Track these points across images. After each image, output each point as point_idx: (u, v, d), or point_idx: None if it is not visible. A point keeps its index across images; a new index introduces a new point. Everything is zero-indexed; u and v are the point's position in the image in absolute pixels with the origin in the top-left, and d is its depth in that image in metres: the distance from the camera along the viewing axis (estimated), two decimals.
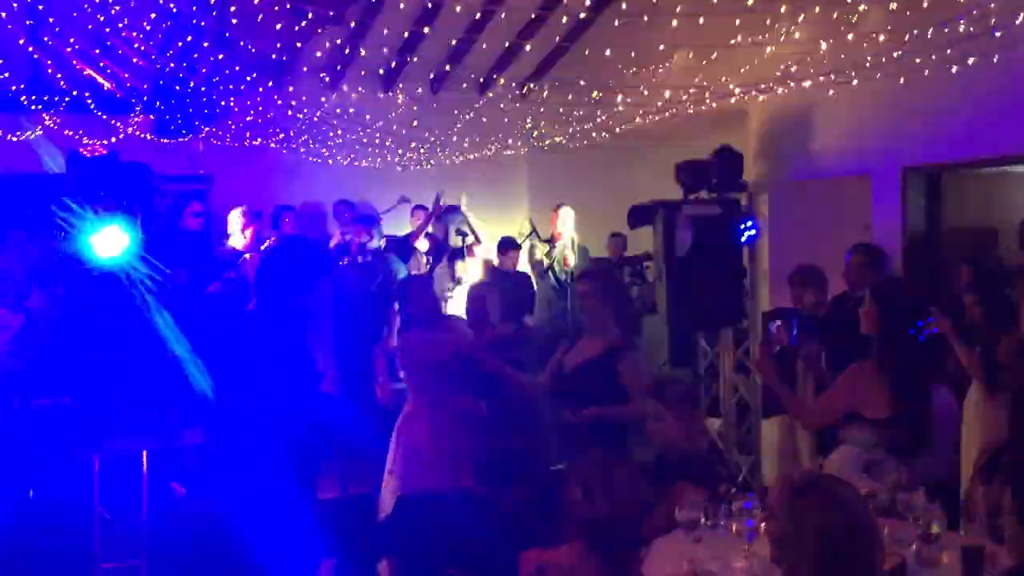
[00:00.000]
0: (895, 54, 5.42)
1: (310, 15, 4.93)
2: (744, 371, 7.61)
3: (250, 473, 4.52)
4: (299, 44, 5.71)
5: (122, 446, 5.11)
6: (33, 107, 6.83)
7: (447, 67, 7.89)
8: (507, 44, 7.49)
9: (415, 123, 8.04)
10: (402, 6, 6.58)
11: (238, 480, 4.48)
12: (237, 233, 7.41)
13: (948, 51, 5.30)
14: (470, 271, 8.96)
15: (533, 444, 3.65)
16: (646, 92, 6.72)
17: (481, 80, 8.36)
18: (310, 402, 5.12)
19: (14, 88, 6.48)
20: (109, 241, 6.42)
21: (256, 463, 4.49)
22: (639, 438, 4.45)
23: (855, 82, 5.63)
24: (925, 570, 3.33)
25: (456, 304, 8.42)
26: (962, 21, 5.13)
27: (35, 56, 6.01)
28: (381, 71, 8.05)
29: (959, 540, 3.56)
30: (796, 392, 5.15)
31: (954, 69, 5.54)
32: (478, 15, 7.03)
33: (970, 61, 5.34)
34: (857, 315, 4.61)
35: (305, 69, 7.13)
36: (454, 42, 7.31)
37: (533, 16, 7.13)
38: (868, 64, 5.58)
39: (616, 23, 6.46)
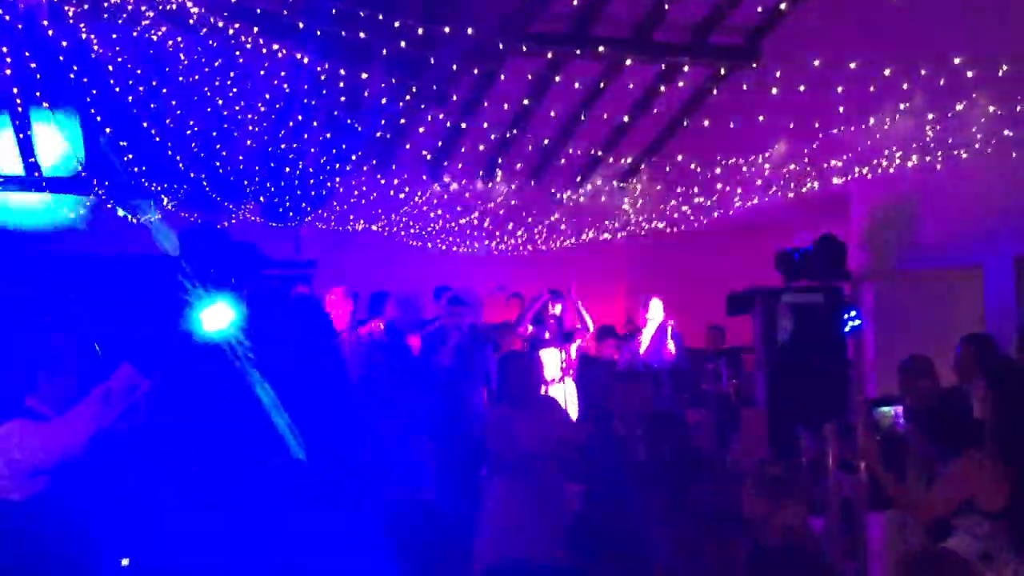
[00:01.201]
0: (1006, 132, 5.25)
1: (414, 89, 5.11)
2: (849, 467, 7.28)
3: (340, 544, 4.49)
4: (403, 120, 5.91)
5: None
6: (154, 187, 7.18)
7: (546, 144, 7.97)
8: (609, 127, 7.55)
9: (514, 203, 8.16)
10: (505, 81, 6.73)
11: (327, 548, 4.44)
12: (341, 313, 7.56)
13: None
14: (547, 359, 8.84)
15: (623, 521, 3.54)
16: (747, 170, 6.68)
17: (582, 165, 8.45)
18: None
19: (135, 170, 6.84)
20: (217, 316, 6.66)
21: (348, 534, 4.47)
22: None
23: (964, 155, 5.45)
24: None
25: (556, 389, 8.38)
26: None
27: (156, 138, 6.36)
28: (481, 146, 8.16)
29: None
30: (905, 484, 4.89)
31: None
32: (582, 93, 7.12)
33: None
34: (968, 406, 4.40)
35: (408, 147, 7.32)
36: (554, 114, 7.40)
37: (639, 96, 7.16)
38: (977, 144, 5.43)
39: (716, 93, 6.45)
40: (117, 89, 5.82)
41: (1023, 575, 3.64)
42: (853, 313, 6.84)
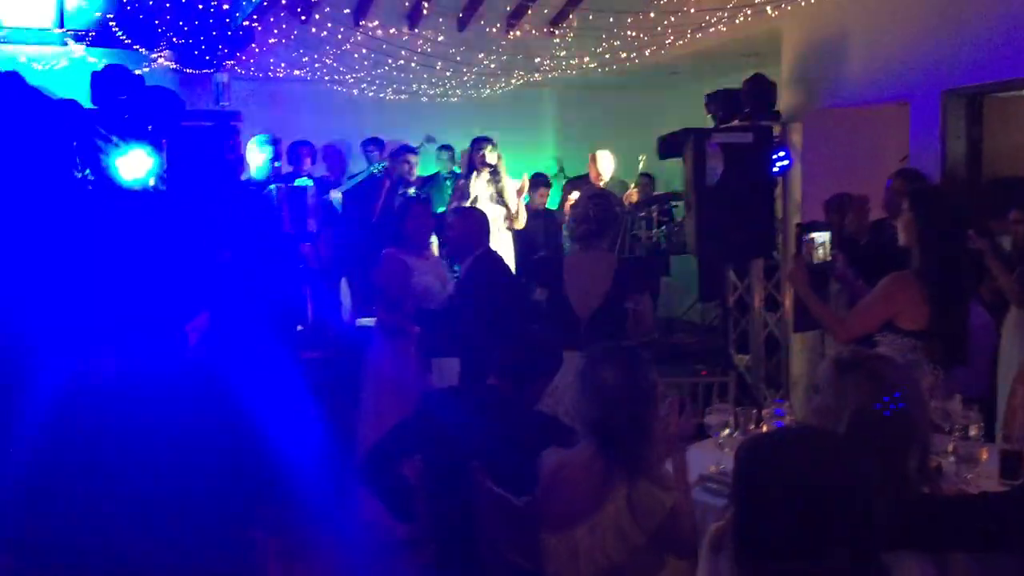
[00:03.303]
0: None
1: None
2: (773, 306, 7.49)
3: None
4: None
5: None
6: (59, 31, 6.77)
7: None
8: None
9: (441, 39, 7.89)
10: None
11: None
12: (265, 164, 7.32)
13: None
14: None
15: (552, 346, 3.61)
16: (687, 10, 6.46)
17: (508, 9, 8.19)
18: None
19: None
20: (134, 164, 6.45)
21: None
22: None
23: None
24: (963, 468, 3.25)
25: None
26: None
27: None
28: (407, 3, 7.89)
29: (997, 449, 3.48)
30: (830, 305, 5.02)
31: None
32: None
33: None
34: (894, 237, 4.49)
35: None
36: None
37: None
38: None
39: None
40: None
41: (939, 384, 3.81)
42: (782, 154, 6.86)
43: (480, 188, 8.38)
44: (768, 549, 1.83)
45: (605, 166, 8.88)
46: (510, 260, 8.24)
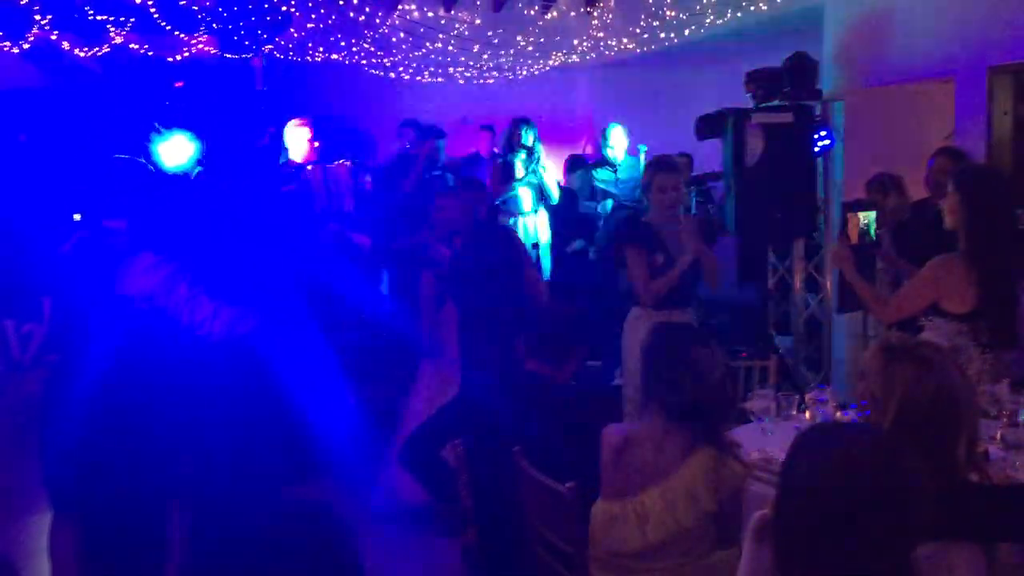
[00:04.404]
0: None
1: None
2: (814, 287, 7.41)
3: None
4: None
5: None
6: (99, 18, 6.84)
7: None
8: None
9: (478, 22, 7.88)
10: None
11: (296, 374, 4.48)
12: (303, 146, 7.37)
13: None
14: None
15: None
16: None
17: None
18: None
19: None
20: (176, 150, 6.55)
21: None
22: None
23: None
24: (1011, 454, 3.21)
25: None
26: None
27: None
28: None
29: None
30: (874, 286, 4.96)
31: None
32: None
33: None
34: (938, 218, 4.42)
35: None
36: None
37: None
38: None
39: None
40: None
41: (986, 368, 3.76)
42: (823, 133, 6.77)
43: (517, 168, 8.43)
44: (808, 542, 1.82)
45: (618, 143, 8.90)
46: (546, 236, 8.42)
